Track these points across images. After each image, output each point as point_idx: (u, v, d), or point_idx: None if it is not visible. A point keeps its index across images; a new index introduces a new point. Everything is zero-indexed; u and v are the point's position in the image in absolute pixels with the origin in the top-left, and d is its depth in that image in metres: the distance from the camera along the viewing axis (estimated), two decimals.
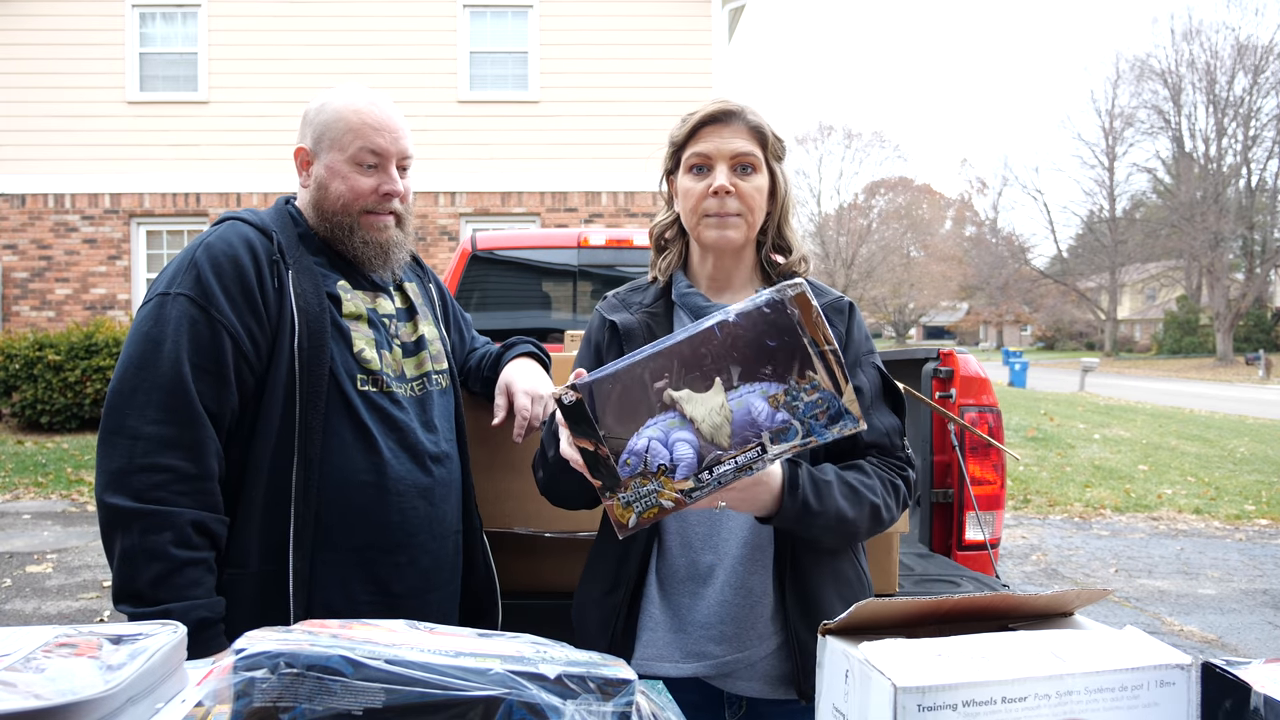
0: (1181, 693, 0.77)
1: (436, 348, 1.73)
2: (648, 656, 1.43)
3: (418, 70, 12.36)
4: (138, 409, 1.42)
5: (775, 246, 1.55)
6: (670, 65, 12.39)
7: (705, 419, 1.09)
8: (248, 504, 1.47)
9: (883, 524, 1.39)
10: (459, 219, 12.50)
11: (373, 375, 1.57)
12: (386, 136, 1.60)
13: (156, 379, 1.44)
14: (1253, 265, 37.71)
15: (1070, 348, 53.49)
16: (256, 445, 1.48)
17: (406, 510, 1.56)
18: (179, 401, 1.43)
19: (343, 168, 1.59)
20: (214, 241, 1.53)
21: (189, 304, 1.47)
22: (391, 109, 1.63)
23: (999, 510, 2.98)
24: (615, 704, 0.69)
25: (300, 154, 1.65)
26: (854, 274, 48.81)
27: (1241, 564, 6.11)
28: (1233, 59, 37.04)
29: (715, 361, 1.09)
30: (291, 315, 1.51)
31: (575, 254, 4.65)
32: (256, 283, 1.51)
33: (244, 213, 1.62)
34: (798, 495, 1.27)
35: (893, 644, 0.78)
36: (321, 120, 1.61)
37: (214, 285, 1.49)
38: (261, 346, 1.51)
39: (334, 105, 1.61)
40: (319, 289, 1.56)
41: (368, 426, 1.54)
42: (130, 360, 1.47)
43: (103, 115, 12.28)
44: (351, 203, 1.59)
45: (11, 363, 10.25)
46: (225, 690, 0.65)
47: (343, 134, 1.58)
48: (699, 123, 1.45)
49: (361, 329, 1.59)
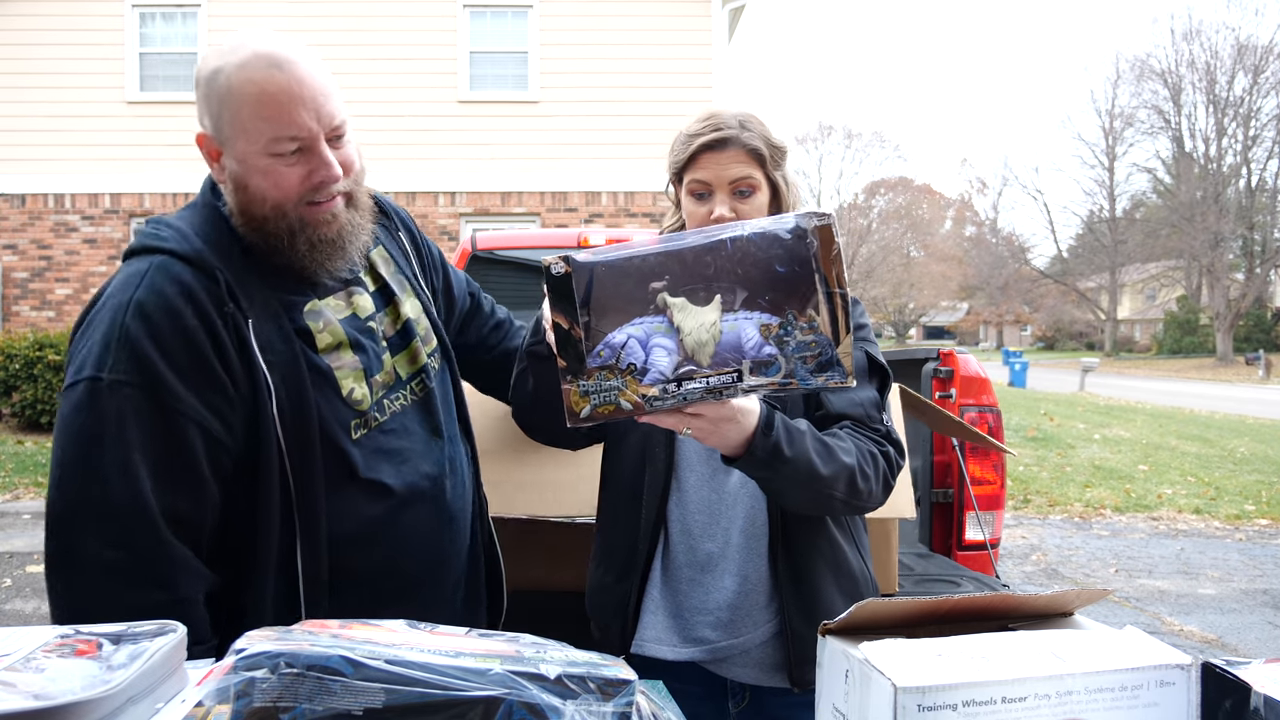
0: (1181, 693, 0.77)
1: (424, 325, 1.47)
2: (647, 639, 1.47)
3: (418, 70, 12.36)
4: (90, 532, 1.14)
5: None
6: (670, 65, 12.39)
7: (692, 333, 1.05)
8: (263, 556, 1.24)
9: (860, 494, 1.34)
10: (459, 219, 12.50)
11: (364, 416, 1.31)
12: (303, 111, 1.21)
13: (107, 495, 1.14)
14: (1253, 265, 37.70)
15: (1070, 348, 53.47)
16: (260, 500, 1.24)
17: (424, 543, 1.38)
18: (140, 523, 1.14)
19: (259, 160, 1.23)
20: (145, 300, 1.18)
21: (134, 393, 1.15)
22: (304, 66, 1.23)
23: (999, 510, 2.98)
24: (615, 704, 0.69)
25: (203, 142, 1.27)
26: (854, 274, 48.65)
27: (1241, 564, 6.11)
28: (1233, 59, 37.04)
29: (719, 276, 1.05)
30: (263, 376, 1.22)
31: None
32: (213, 347, 1.19)
33: (168, 236, 1.25)
34: (770, 437, 1.22)
35: (893, 644, 0.78)
36: (215, 95, 1.23)
37: (159, 365, 1.17)
38: (235, 425, 1.22)
39: (226, 74, 1.22)
40: (285, 331, 1.26)
41: (370, 477, 1.30)
42: (68, 466, 1.16)
43: (103, 115, 12.28)
44: (282, 202, 1.25)
45: (11, 363, 10.26)
46: (225, 690, 0.65)
47: (247, 118, 1.21)
48: (696, 150, 1.47)
49: (345, 359, 1.31)
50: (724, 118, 1.48)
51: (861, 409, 1.43)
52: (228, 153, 1.25)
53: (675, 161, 1.51)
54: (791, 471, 1.25)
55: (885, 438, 1.43)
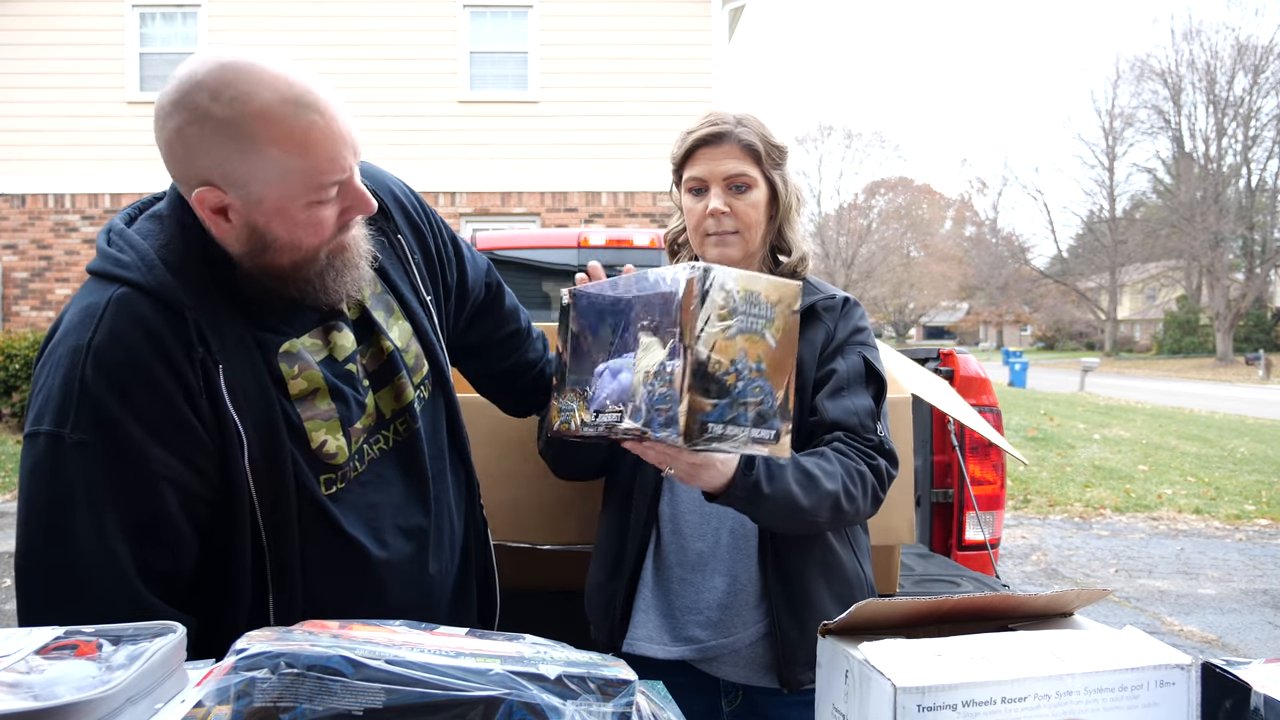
0: (1181, 693, 0.77)
1: (413, 353, 1.33)
2: (638, 638, 1.48)
3: (418, 70, 12.36)
4: (64, 602, 1.06)
5: (776, 248, 1.58)
6: (670, 65, 12.39)
7: (639, 372, 1.10)
8: (234, 608, 1.16)
9: (845, 516, 1.36)
10: (459, 219, 12.50)
11: (339, 470, 1.20)
12: (345, 150, 1.10)
13: (80, 557, 1.05)
14: (1253, 265, 37.71)
15: (1070, 348, 53.48)
16: (232, 555, 1.15)
17: (406, 596, 1.28)
18: (117, 585, 1.06)
19: (297, 212, 1.10)
20: (104, 346, 1.06)
21: (99, 455, 1.05)
22: (328, 98, 1.09)
23: (999, 510, 2.98)
24: (615, 704, 0.69)
25: (203, 201, 1.09)
26: (854, 274, 48.77)
27: (1241, 564, 6.11)
28: (1233, 59, 37.05)
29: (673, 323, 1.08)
30: (234, 426, 1.10)
31: (575, 254, 4.66)
32: (182, 395, 1.08)
33: (130, 263, 1.10)
34: (750, 476, 1.25)
35: (893, 644, 0.78)
36: (232, 151, 1.06)
37: (126, 423, 1.05)
38: (209, 472, 1.11)
39: (248, 129, 1.05)
40: (259, 376, 1.13)
41: (351, 533, 1.20)
42: (34, 526, 1.07)
43: (103, 115, 12.28)
44: (319, 247, 1.14)
45: (11, 363, 10.26)
46: (225, 690, 0.65)
47: (287, 171, 1.07)
48: (692, 145, 1.49)
49: (318, 410, 1.18)
50: (722, 115, 1.49)
51: (856, 418, 1.42)
52: (243, 205, 1.10)
53: (674, 157, 1.52)
54: (772, 506, 1.28)
55: (877, 449, 1.41)
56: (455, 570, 1.39)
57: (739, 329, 1.06)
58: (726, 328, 1.05)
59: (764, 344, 1.07)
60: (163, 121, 1.09)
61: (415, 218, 1.41)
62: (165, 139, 1.09)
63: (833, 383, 1.45)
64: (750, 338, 1.07)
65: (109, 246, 1.15)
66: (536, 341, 1.63)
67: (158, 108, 1.09)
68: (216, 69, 1.05)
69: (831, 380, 1.45)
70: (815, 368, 1.46)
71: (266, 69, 1.06)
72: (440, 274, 1.43)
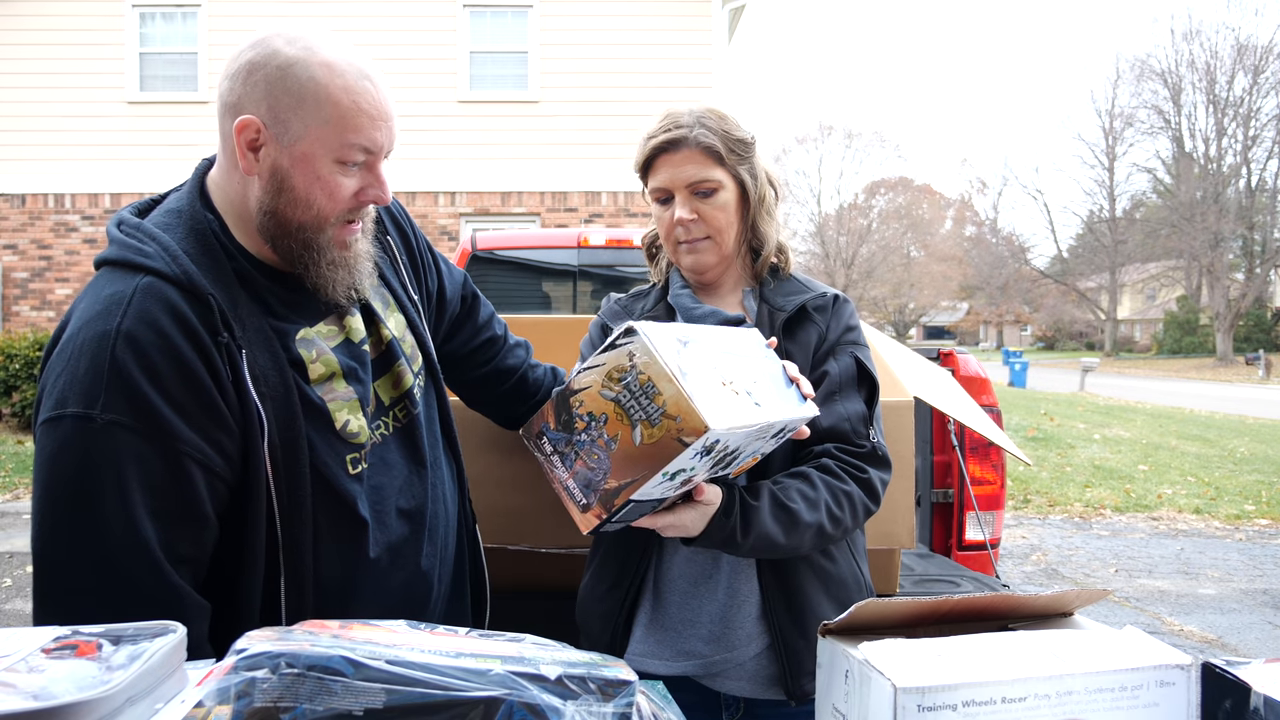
0: (1181, 693, 0.77)
1: (409, 343, 1.38)
2: (639, 653, 1.45)
3: (418, 70, 12.36)
4: (91, 588, 1.05)
5: (750, 245, 1.54)
6: (670, 65, 12.39)
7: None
8: (246, 595, 1.17)
9: (831, 538, 1.36)
10: (459, 219, 12.50)
11: (362, 450, 1.24)
12: (384, 127, 1.20)
13: (106, 539, 1.04)
14: (1253, 265, 37.70)
15: (1070, 348, 53.48)
16: (246, 539, 1.16)
17: (409, 581, 1.32)
18: (144, 567, 1.06)
19: (322, 165, 1.16)
20: (135, 330, 1.07)
21: (130, 436, 1.05)
22: (385, 85, 1.23)
23: (999, 510, 2.98)
24: (616, 705, 0.69)
25: (246, 128, 1.14)
26: (854, 274, 48.76)
27: (1241, 564, 6.11)
28: (1233, 59, 37.04)
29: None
30: (256, 409, 1.13)
31: (575, 254, 4.66)
32: (210, 378, 1.10)
33: (153, 254, 1.13)
34: (729, 521, 1.27)
35: (893, 644, 0.78)
36: (288, 86, 1.13)
37: (159, 402, 1.06)
38: (233, 457, 1.13)
39: (309, 69, 1.14)
40: (279, 362, 1.17)
41: (359, 511, 1.23)
42: (60, 509, 1.05)
43: (103, 115, 12.28)
44: (328, 214, 1.19)
45: (11, 363, 10.26)
46: (226, 690, 0.65)
47: (327, 118, 1.14)
48: (651, 153, 1.45)
49: (338, 391, 1.22)
50: (679, 116, 1.44)
51: (848, 424, 1.39)
52: (278, 147, 1.15)
53: (636, 165, 1.49)
54: (750, 548, 1.30)
55: (867, 458, 1.39)
56: (450, 557, 1.43)
57: (614, 399, 1.11)
58: (607, 387, 1.11)
59: (627, 431, 1.10)
60: (235, 58, 1.17)
61: (401, 223, 1.48)
62: (232, 71, 1.16)
63: (825, 386, 1.42)
64: (620, 415, 1.11)
65: (128, 238, 1.17)
66: (517, 349, 1.66)
67: (235, 53, 1.18)
68: (298, 27, 1.19)
69: (824, 384, 1.43)
70: (809, 370, 1.44)
71: (341, 41, 1.21)
72: (423, 279, 1.49)
